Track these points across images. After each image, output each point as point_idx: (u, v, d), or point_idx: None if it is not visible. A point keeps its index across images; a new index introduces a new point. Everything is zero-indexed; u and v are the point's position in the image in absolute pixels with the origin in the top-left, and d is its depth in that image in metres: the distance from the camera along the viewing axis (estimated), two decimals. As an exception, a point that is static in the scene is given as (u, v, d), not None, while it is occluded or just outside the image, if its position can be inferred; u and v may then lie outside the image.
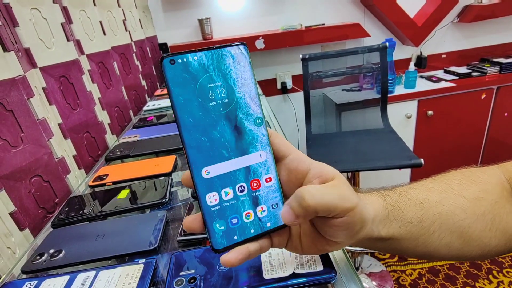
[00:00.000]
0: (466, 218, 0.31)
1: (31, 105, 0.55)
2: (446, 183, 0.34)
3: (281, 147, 0.28)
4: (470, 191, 0.33)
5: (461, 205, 0.32)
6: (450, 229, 0.31)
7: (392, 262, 1.50)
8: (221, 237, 0.26)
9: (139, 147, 0.72)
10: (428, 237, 0.31)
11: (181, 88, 0.25)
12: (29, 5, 0.60)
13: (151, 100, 1.16)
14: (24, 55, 0.57)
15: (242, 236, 0.26)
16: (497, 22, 1.78)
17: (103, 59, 0.89)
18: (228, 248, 0.26)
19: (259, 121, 0.28)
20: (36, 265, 0.38)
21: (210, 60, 0.26)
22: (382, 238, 0.30)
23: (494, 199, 0.32)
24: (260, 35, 1.54)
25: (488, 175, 0.34)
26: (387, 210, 0.30)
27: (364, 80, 1.63)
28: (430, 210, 0.31)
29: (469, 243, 0.32)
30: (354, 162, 1.11)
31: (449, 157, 1.76)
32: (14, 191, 0.49)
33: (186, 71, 0.25)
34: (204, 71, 0.26)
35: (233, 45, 0.27)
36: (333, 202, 0.24)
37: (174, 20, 1.63)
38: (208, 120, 0.26)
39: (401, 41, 1.80)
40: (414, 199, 0.32)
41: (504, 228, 0.32)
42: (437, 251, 0.32)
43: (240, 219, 0.26)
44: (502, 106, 1.68)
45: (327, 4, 1.69)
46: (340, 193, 0.25)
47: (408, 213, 0.30)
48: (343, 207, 0.24)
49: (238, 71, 0.27)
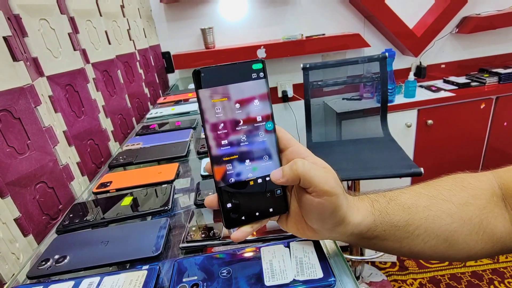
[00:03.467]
0: (452, 222, 0.33)
1: (38, 113, 0.56)
2: (436, 189, 0.35)
3: (282, 140, 0.32)
4: (459, 196, 0.34)
5: (448, 210, 0.33)
6: (435, 233, 0.33)
7: (393, 271, 1.49)
8: (231, 217, 0.32)
9: (142, 155, 0.73)
10: (412, 240, 0.33)
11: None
12: (38, 15, 0.62)
13: (153, 108, 1.18)
14: (32, 64, 0.59)
15: (248, 218, 0.32)
16: (495, 33, 1.80)
17: (108, 67, 0.91)
18: (236, 225, 0.32)
19: (270, 125, 0.32)
20: (42, 271, 0.39)
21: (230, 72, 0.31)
22: (367, 238, 0.33)
23: (482, 204, 0.33)
24: (262, 45, 1.57)
25: (479, 181, 0.35)
26: (373, 215, 0.32)
27: (364, 89, 1.64)
28: (417, 214, 0.33)
29: (454, 247, 0.33)
30: (354, 171, 1.12)
31: (449, 166, 1.76)
32: (19, 197, 0.50)
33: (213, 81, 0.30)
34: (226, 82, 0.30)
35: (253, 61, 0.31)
36: (316, 179, 0.29)
37: (177, 29, 1.66)
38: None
39: (401, 51, 1.82)
40: (403, 204, 0.34)
41: (491, 231, 0.33)
42: (422, 252, 0.33)
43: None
44: (501, 115, 1.69)
45: (328, 14, 1.72)
46: (325, 176, 0.29)
47: (395, 218, 0.33)
48: (322, 188, 0.28)
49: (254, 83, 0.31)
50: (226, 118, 0.31)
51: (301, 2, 1.68)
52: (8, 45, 0.50)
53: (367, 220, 0.32)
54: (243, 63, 0.30)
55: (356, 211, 0.32)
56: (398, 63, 1.83)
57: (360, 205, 0.33)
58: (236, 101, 0.31)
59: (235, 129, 0.31)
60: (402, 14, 1.65)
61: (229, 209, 0.32)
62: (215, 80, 0.30)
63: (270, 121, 0.32)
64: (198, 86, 0.29)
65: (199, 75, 0.29)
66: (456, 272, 1.44)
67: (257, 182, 0.32)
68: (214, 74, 0.30)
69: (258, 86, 0.31)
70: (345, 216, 0.30)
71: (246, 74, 0.31)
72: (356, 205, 0.33)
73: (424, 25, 1.71)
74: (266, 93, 0.31)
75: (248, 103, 0.31)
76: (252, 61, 0.31)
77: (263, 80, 0.31)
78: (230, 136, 0.31)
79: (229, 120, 0.31)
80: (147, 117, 1.05)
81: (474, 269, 1.44)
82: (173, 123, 0.95)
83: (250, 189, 0.32)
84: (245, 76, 0.31)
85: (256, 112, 0.31)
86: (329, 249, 0.38)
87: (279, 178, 0.30)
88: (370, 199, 0.34)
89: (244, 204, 0.32)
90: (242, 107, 0.31)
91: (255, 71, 0.31)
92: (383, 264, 1.53)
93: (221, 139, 0.31)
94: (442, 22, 1.69)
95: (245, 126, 0.31)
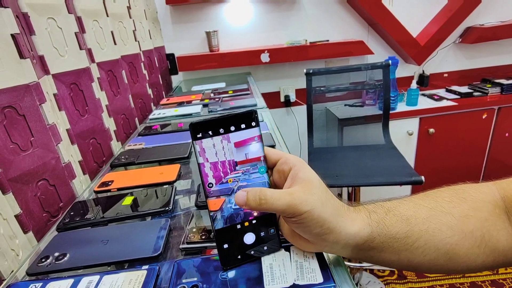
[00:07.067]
0: (453, 235, 0.32)
1: (43, 111, 0.56)
2: (436, 200, 0.34)
3: (271, 156, 0.35)
4: (459, 209, 0.33)
5: (448, 223, 0.32)
6: (436, 246, 0.32)
7: (391, 279, 1.48)
8: (228, 257, 0.35)
9: (144, 155, 0.73)
10: (411, 252, 0.32)
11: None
12: (46, 14, 0.62)
13: (156, 109, 1.18)
14: (38, 62, 0.59)
15: (243, 257, 0.35)
16: (498, 44, 1.81)
17: (113, 67, 0.91)
18: (233, 264, 0.35)
19: (262, 170, 0.35)
20: (41, 268, 0.39)
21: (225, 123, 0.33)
22: (364, 249, 0.32)
23: (484, 217, 0.32)
24: (266, 49, 1.58)
25: (480, 193, 0.34)
26: (370, 227, 0.32)
27: (367, 96, 1.65)
28: (417, 226, 0.32)
29: (455, 260, 0.32)
30: (355, 177, 1.12)
31: (450, 175, 1.76)
32: (21, 193, 0.50)
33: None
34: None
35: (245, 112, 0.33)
36: (281, 207, 0.30)
37: (182, 31, 1.67)
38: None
39: (404, 59, 1.83)
40: (401, 215, 0.33)
41: (493, 245, 0.32)
42: (420, 265, 0.33)
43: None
44: (503, 126, 1.69)
45: (332, 21, 1.73)
46: (291, 199, 0.29)
47: (394, 229, 0.32)
48: (292, 210, 0.29)
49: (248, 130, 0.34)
50: (221, 162, 0.33)
51: (306, 8, 1.69)
52: (15, 42, 0.51)
53: (363, 232, 0.31)
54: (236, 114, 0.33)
55: (350, 222, 0.31)
56: (401, 71, 1.84)
57: (356, 216, 0.32)
58: (230, 147, 0.33)
59: (230, 172, 0.34)
60: (406, 23, 1.66)
61: (225, 250, 0.34)
62: (210, 131, 0.32)
63: (263, 166, 0.35)
64: (195, 137, 0.32)
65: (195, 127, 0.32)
66: (455, 282, 1.43)
67: (251, 223, 0.35)
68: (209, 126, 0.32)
69: (252, 133, 0.34)
70: (333, 225, 0.30)
71: (238, 125, 0.33)
72: (351, 215, 0.32)
73: (427, 34, 1.72)
74: (259, 138, 0.34)
75: (242, 148, 0.34)
76: (244, 113, 0.33)
77: (256, 128, 0.34)
78: (223, 179, 0.34)
79: (224, 164, 0.33)
80: (150, 118, 1.06)
81: (473, 279, 1.44)
82: (175, 124, 0.95)
83: (245, 229, 0.35)
84: (238, 127, 0.33)
85: (250, 155, 0.34)
86: (330, 254, 0.38)
87: (242, 204, 0.31)
88: (368, 210, 0.33)
89: (239, 244, 0.34)
90: (237, 152, 0.34)
91: (247, 121, 0.33)
92: (382, 272, 1.53)
93: (217, 180, 0.33)
94: (446, 31, 1.70)
95: (239, 170, 0.34)
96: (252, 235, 0.35)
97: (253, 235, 0.35)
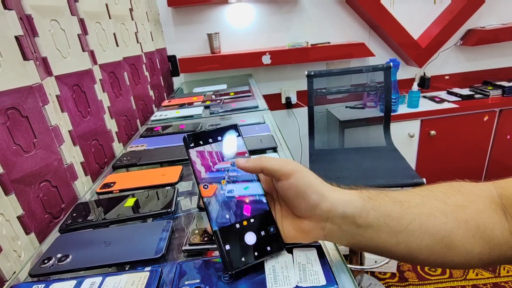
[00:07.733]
0: (447, 222, 0.32)
1: (45, 112, 0.56)
2: (430, 190, 0.35)
3: (280, 170, 0.35)
4: (454, 199, 0.33)
5: (442, 210, 0.32)
6: (430, 231, 0.32)
7: (392, 282, 1.48)
8: (231, 259, 0.34)
9: (146, 157, 0.73)
10: (407, 235, 0.32)
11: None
12: (49, 16, 0.63)
13: (158, 110, 1.18)
14: (41, 63, 0.60)
15: (247, 258, 0.35)
16: (500, 46, 1.81)
17: (115, 69, 0.92)
18: (237, 267, 0.34)
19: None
20: (44, 269, 0.39)
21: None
22: (360, 226, 0.32)
23: (479, 209, 0.32)
24: (267, 51, 1.58)
25: (478, 189, 0.34)
26: (362, 199, 0.33)
27: (368, 98, 1.65)
28: (410, 209, 0.32)
29: (451, 249, 0.32)
30: (356, 179, 1.12)
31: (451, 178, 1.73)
32: (23, 195, 0.51)
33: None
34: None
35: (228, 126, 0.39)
36: (275, 166, 0.34)
37: (183, 33, 1.68)
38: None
39: (405, 61, 1.83)
40: (393, 197, 0.33)
41: (488, 237, 0.31)
42: (419, 252, 0.32)
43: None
44: (504, 128, 1.69)
45: (333, 23, 1.73)
46: (283, 162, 0.34)
47: (387, 207, 0.32)
48: (286, 168, 0.33)
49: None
50: (214, 167, 0.37)
51: (307, 9, 1.70)
52: (19, 44, 0.51)
53: (356, 202, 0.32)
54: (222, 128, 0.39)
55: (340, 191, 0.34)
56: (402, 73, 1.84)
57: (346, 190, 0.34)
58: (222, 155, 0.38)
59: (219, 162, 0.37)
60: (407, 25, 1.66)
61: (227, 251, 0.34)
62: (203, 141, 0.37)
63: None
64: (188, 147, 0.37)
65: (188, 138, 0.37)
66: (457, 285, 1.42)
67: (250, 221, 0.35)
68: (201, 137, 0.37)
69: (238, 142, 0.39)
70: (322, 190, 0.33)
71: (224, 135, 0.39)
72: (340, 188, 0.35)
73: (429, 36, 1.72)
74: (243, 147, 0.39)
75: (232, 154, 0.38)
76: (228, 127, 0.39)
77: (240, 137, 0.39)
78: (213, 168, 0.37)
79: (211, 154, 0.37)
80: (152, 119, 1.06)
81: (474, 282, 1.43)
82: (177, 126, 0.95)
83: (244, 229, 0.35)
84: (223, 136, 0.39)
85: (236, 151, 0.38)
86: (332, 257, 0.38)
87: (243, 162, 0.35)
88: (356, 189, 0.35)
89: (241, 245, 0.34)
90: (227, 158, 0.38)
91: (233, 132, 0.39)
92: (383, 275, 1.52)
93: (206, 168, 0.37)
94: (447, 34, 1.71)
95: (228, 161, 0.38)
96: (252, 235, 0.35)
97: (254, 234, 0.35)
